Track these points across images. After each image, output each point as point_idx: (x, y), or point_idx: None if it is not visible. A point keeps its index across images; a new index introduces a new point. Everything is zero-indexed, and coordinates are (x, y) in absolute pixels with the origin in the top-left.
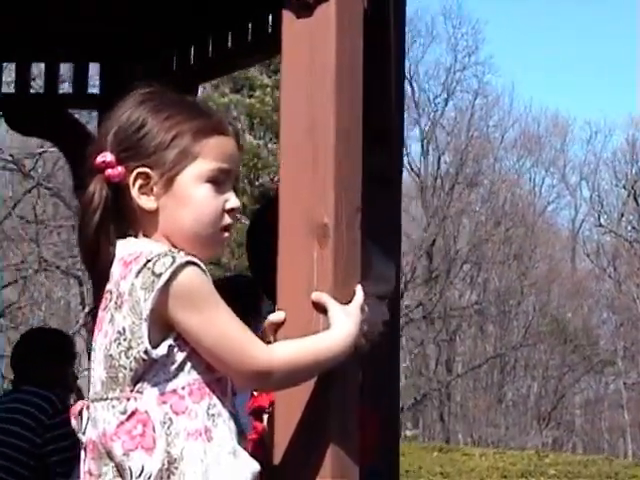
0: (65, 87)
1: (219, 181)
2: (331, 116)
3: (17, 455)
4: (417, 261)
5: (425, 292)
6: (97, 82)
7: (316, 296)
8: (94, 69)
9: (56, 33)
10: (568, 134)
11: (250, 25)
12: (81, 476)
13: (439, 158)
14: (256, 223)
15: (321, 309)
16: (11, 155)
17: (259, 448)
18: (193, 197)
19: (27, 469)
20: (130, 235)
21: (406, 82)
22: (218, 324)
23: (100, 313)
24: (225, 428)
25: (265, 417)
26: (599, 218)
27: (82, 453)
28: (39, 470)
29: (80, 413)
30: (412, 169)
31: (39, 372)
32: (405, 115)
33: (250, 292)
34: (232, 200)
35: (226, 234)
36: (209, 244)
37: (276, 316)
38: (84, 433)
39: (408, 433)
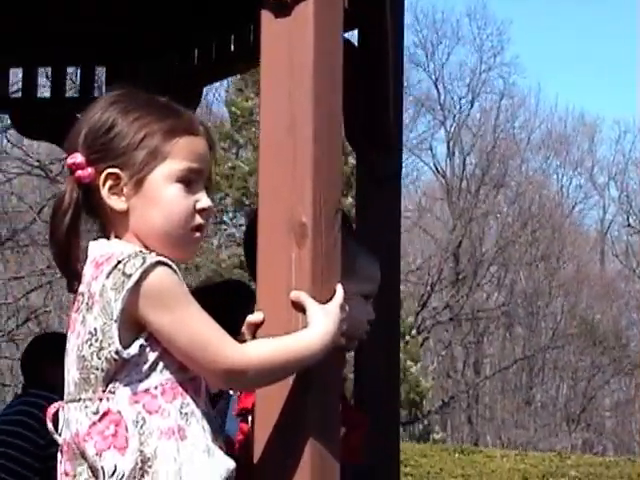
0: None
1: (190, 181)
2: (309, 115)
3: (21, 456)
4: (444, 263)
5: (452, 294)
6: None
7: (294, 295)
8: (100, 71)
9: (58, 34)
10: (596, 134)
11: (252, 27)
12: (58, 477)
13: (465, 159)
14: (255, 221)
15: (300, 308)
16: (38, 161)
17: (245, 449)
18: (163, 197)
19: (31, 471)
20: (103, 237)
21: (431, 84)
22: (189, 323)
23: (73, 315)
24: (198, 427)
25: (250, 418)
26: (628, 218)
27: (59, 455)
28: (43, 472)
29: (56, 415)
30: (438, 171)
31: (46, 375)
32: (430, 117)
33: (242, 295)
34: (203, 200)
35: (197, 234)
36: (180, 244)
37: (255, 316)
38: (60, 435)
39: (436, 436)
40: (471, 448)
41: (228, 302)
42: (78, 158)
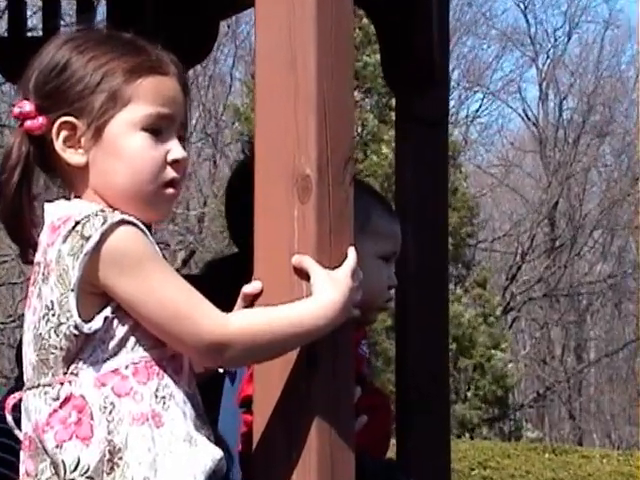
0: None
1: (158, 128)
2: (312, 49)
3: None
4: (536, 228)
5: (547, 265)
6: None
7: (297, 260)
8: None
9: None
10: None
11: None
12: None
13: (561, 103)
14: (236, 180)
15: (304, 275)
16: None
17: (250, 444)
18: (126, 148)
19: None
20: (63, 197)
21: (519, 13)
22: (161, 290)
23: (30, 289)
24: (178, 411)
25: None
26: None
27: (21, 453)
28: None
29: (15, 407)
30: (528, 117)
31: None
32: (518, 54)
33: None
34: (175, 150)
35: (170, 190)
36: (150, 203)
37: (251, 287)
38: (20, 429)
39: (529, 434)
40: (564, 447)
41: (240, 277)
42: (26, 106)
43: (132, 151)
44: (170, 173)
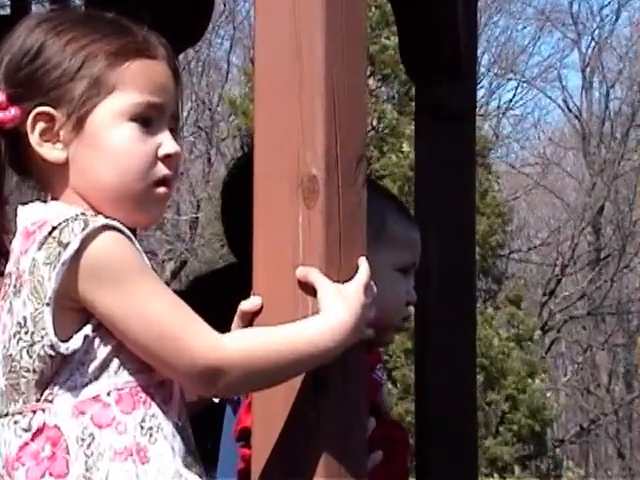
0: None
1: (148, 119)
2: (319, 31)
3: None
4: (579, 236)
5: (591, 279)
6: None
7: (302, 273)
8: None
9: None
10: None
11: None
12: None
13: (608, 93)
14: (233, 180)
15: (309, 290)
16: None
17: None
18: (111, 141)
19: None
20: (38, 199)
21: None
22: (147, 305)
23: (0, 303)
24: (166, 446)
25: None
26: None
27: None
28: None
29: None
30: (569, 109)
31: None
32: (559, 36)
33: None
34: (167, 144)
35: (162, 189)
36: (139, 205)
37: (249, 303)
38: None
39: (571, 475)
40: None
41: (232, 293)
42: None
43: (118, 145)
44: (161, 170)
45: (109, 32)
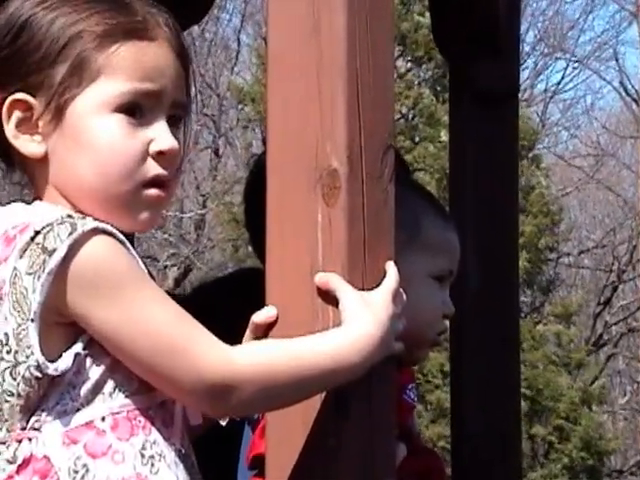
0: None
1: (139, 109)
2: (340, 6)
3: None
4: (637, 237)
5: None
6: None
7: (322, 279)
8: None
9: None
10: None
11: None
12: None
13: None
14: (257, 178)
15: (330, 299)
16: None
17: None
18: (91, 135)
19: None
20: (21, 199)
21: None
22: (146, 317)
23: None
24: (169, 476)
25: None
26: None
27: None
28: None
29: None
30: (627, 92)
31: None
32: (614, 9)
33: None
34: (161, 138)
35: (153, 191)
36: (126, 208)
37: (263, 314)
38: None
39: None
40: None
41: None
42: None
43: (100, 139)
44: (152, 169)
45: (104, 9)
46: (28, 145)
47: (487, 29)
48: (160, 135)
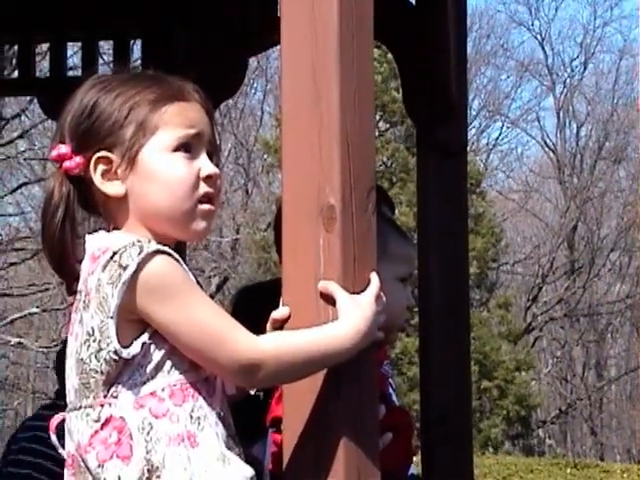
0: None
1: (189, 147)
2: (335, 85)
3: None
4: (556, 251)
5: (567, 286)
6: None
7: (323, 285)
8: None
9: (88, 3)
10: None
11: None
12: None
13: (578, 131)
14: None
15: (329, 300)
16: None
17: (280, 463)
18: (160, 169)
19: None
20: (103, 229)
21: (537, 45)
22: (197, 316)
23: (72, 315)
24: (212, 432)
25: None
26: None
27: (65, 470)
28: None
29: (58, 427)
30: (547, 145)
31: None
32: (536, 83)
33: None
34: (207, 166)
35: (206, 206)
36: (189, 220)
37: (280, 312)
38: (64, 448)
39: (554, 452)
40: (586, 462)
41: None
42: (62, 149)
43: (166, 171)
44: (204, 187)
45: (149, 84)
46: (112, 187)
47: (444, 100)
48: (206, 164)
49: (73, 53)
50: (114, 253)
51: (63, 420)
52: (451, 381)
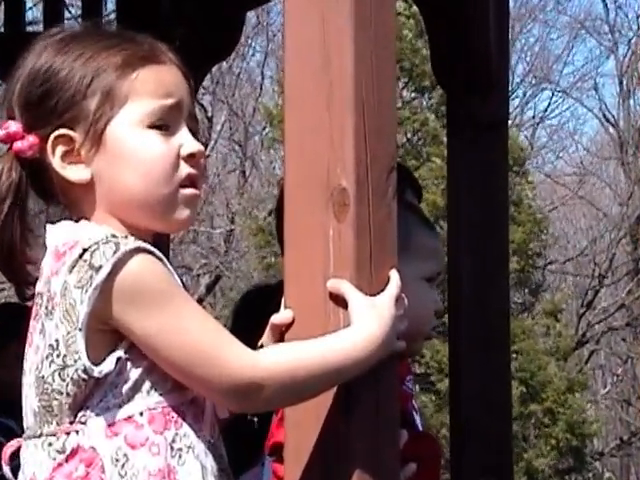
0: None
1: (166, 122)
2: (348, 43)
3: None
4: (616, 246)
5: (630, 289)
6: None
7: (333, 285)
8: None
9: None
10: None
11: None
12: None
13: None
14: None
15: (340, 302)
16: None
17: None
18: (132, 148)
19: None
20: (67, 218)
21: None
22: (183, 327)
23: (31, 323)
24: (195, 466)
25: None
26: None
27: None
28: None
29: (13, 456)
30: (606, 118)
31: None
32: (594, 44)
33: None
34: (189, 143)
35: (189, 190)
36: (169, 208)
37: (281, 317)
38: None
39: None
40: None
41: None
42: (12, 126)
43: (140, 150)
44: (186, 168)
45: (115, 44)
46: (75, 173)
47: (481, 64)
48: (187, 140)
49: (33, 5)
50: (84, 250)
51: (19, 448)
52: (487, 401)
